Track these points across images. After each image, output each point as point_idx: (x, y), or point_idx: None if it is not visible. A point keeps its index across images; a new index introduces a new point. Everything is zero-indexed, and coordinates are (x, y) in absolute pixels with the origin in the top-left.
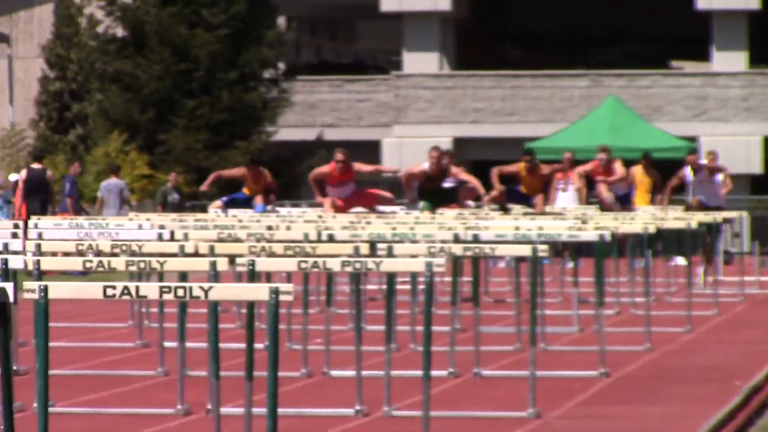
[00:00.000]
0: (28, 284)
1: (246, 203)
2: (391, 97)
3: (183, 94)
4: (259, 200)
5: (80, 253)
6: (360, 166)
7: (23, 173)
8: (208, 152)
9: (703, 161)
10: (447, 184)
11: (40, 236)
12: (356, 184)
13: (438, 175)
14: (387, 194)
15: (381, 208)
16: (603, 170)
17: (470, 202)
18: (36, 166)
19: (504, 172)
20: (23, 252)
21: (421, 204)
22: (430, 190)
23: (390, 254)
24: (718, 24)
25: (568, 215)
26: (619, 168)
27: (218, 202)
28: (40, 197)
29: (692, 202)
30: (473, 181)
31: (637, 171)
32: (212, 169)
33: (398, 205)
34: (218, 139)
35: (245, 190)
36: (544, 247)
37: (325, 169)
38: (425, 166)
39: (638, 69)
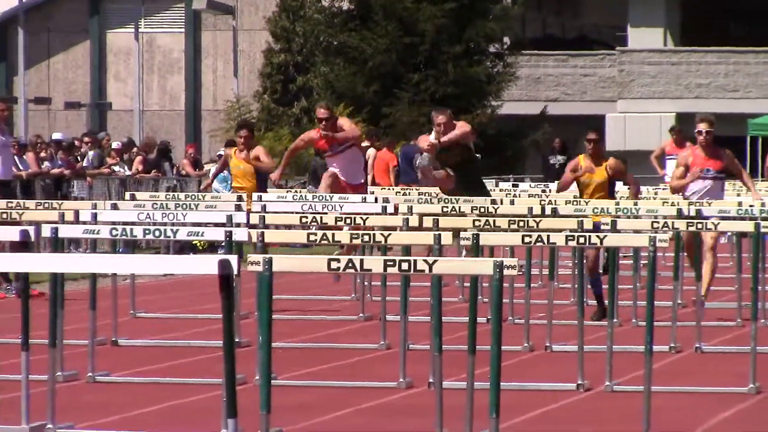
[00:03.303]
0: (252, 257)
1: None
2: (616, 72)
3: (408, 68)
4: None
5: (304, 226)
6: (345, 128)
7: None
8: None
9: None
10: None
11: (263, 209)
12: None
13: (452, 146)
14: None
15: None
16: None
17: None
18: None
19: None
20: (247, 224)
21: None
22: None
23: (613, 229)
24: None
25: None
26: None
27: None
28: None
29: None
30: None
31: None
32: None
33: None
34: None
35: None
36: None
37: (311, 133)
38: (432, 138)
39: None
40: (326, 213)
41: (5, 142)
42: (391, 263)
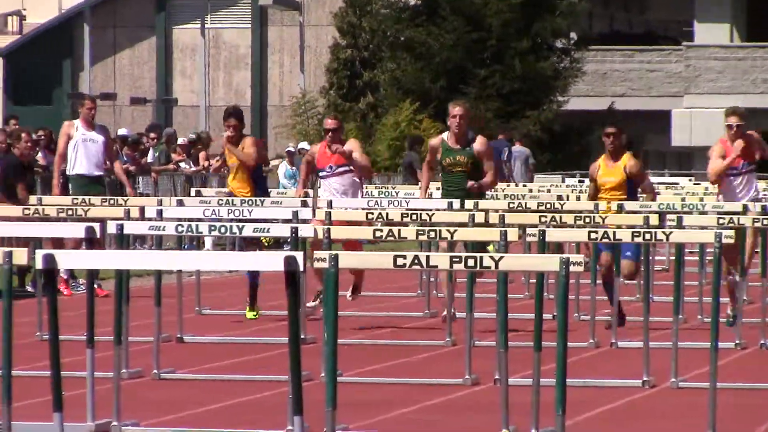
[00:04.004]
0: (318, 253)
1: None
2: (682, 67)
3: (475, 63)
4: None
5: (369, 223)
6: (356, 152)
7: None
8: (499, 121)
9: None
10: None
11: (329, 205)
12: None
13: (464, 146)
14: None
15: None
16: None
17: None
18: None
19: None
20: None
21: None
22: (454, 173)
23: (679, 225)
24: None
25: None
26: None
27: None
28: None
29: None
30: None
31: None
32: None
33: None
34: (509, 108)
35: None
36: None
37: (314, 147)
38: (444, 136)
39: None
40: (392, 210)
41: (88, 138)
42: (457, 260)
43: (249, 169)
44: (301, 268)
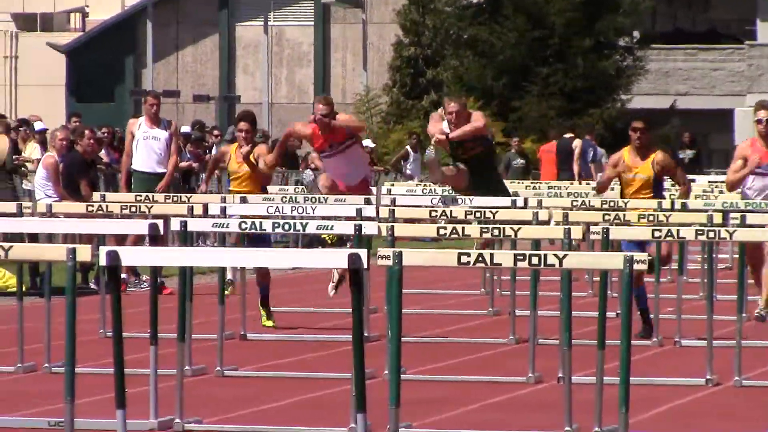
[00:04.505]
0: (382, 250)
1: None
2: (745, 66)
3: (537, 62)
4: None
5: (433, 220)
6: (345, 120)
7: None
8: (561, 119)
9: None
10: None
11: (393, 202)
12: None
13: (465, 137)
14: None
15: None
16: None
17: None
18: (567, 135)
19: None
20: (377, 218)
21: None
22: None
23: (742, 223)
24: None
25: None
26: None
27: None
28: (566, 167)
29: None
30: None
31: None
32: None
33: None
34: (572, 106)
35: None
36: None
37: (305, 129)
38: (444, 127)
39: None
40: (455, 208)
41: (150, 135)
42: (522, 257)
43: (268, 177)
44: (365, 266)
